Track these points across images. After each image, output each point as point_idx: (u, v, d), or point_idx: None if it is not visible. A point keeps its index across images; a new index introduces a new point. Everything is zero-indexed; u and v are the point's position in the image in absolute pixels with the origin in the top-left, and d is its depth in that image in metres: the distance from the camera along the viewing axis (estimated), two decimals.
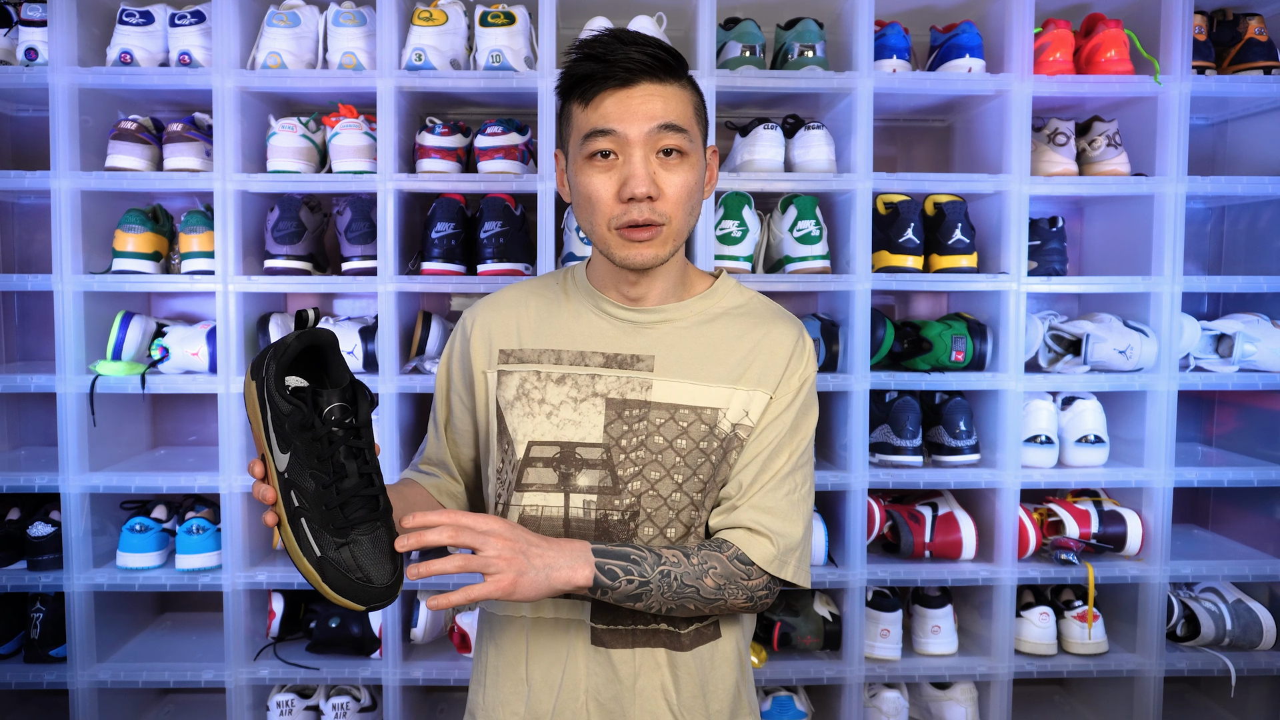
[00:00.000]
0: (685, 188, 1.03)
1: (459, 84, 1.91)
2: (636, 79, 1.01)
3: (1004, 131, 1.96)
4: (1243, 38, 2.02)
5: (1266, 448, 2.17)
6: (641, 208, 1.01)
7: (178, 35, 1.91)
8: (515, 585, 0.92)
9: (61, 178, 1.88)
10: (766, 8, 2.09)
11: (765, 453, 1.07)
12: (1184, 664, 2.00)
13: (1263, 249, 2.21)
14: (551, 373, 1.10)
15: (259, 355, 0.95)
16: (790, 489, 1.08)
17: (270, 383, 0.91)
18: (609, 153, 1.02)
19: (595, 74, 1.01)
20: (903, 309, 2.38)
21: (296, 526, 0.90)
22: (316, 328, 0.95)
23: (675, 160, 1.03)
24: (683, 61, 1.05)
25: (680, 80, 1.05)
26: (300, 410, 0.90)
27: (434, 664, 1.98)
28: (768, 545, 1.04)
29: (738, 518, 1.06)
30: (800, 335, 1.12)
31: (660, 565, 0.99)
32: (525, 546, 0.94)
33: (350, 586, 0.90)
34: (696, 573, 1.01)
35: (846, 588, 1.97)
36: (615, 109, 1.01)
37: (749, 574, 1.04)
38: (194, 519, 1.97)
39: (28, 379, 1.91)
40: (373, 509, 0.93)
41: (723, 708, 1.11)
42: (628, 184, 1.00)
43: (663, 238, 1.04)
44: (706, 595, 1.01)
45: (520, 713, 1.10)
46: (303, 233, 1.98)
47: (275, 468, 0.91)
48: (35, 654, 1.96)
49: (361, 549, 0.91)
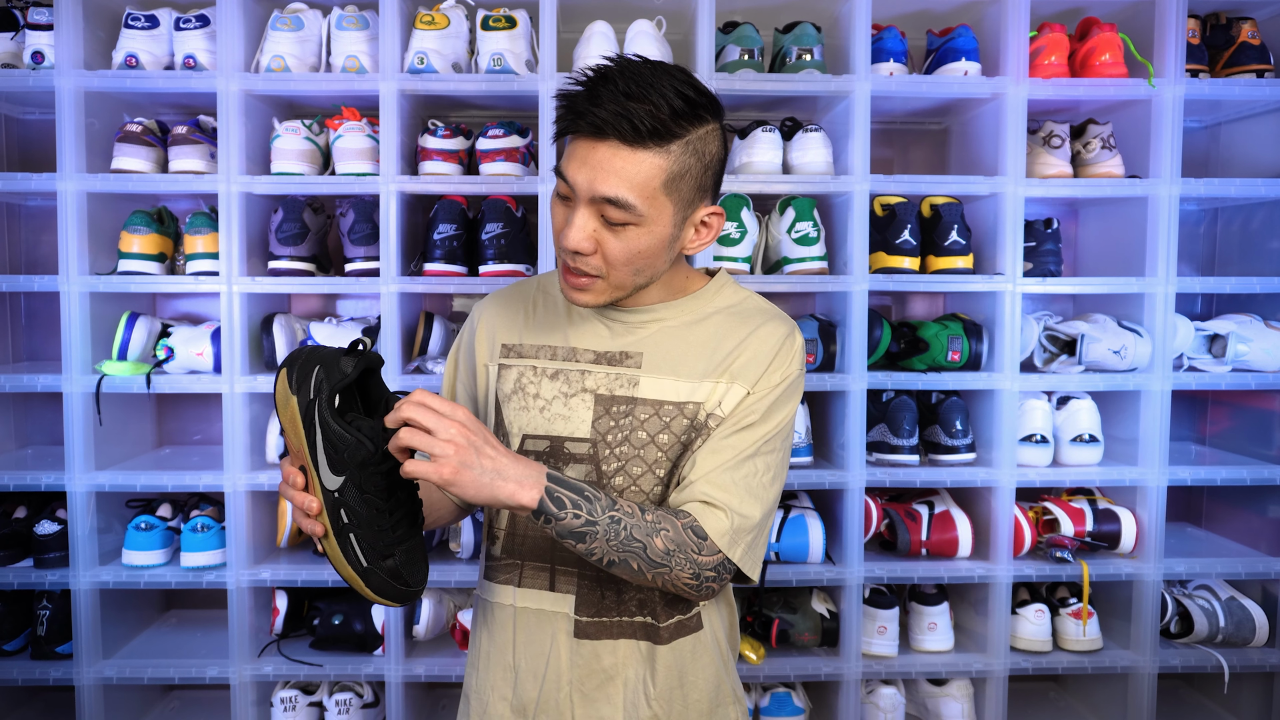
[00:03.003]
0: (625, 252, 1.01)
1: (460, 87, 1.93)
2: (604, 136, 0.96)
3: (999, 134, 1.98)
4: (1235, 41, 2.04)
5: (1259, 447, 2.19)
6: (576, 259, 1.01)
7: (183, 39, 1.93)
8: (456, 475, 0.89)
9: (68, 180, 1.90)
10: (765, 11, 2.10)
11: (728, 433, 1.06)
12: (1178, 660, 2.02)
13: (1255, 250, 2.23)
14: (546, 368, 1.13)
15: (297, 364, 0.94)
16: (751, 471, 1.05)
17: (326, 410, 0.92)
18: (567, 196, 1.02)
19: (571, 113, 0.98)
20: (899, 309, 2.40)
21: (345, 540, 0.93)
22: (370, 352, 0.96)
23: (618, 229, 1.00)
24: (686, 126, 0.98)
25: (661, 147, 0.97)
26: (364, 446, 0.91)
27: (436, 660, 2.00)
28: (722, 518, 1.02)
29: (693, 491, 1.04)
30: (789, 334, 1.11)
31: (612, 510, 0.97)
32: (480, 443, 0.92)
33: (391, 591, 0.95)
34: (648, 529, 0.98)
35: (844, 585, 1.99)
36: (576, 160, 0.99)
37: (700, 548, 1.01)
38: (198, 517, 1.99)
39: (34, 379, 1.93)
40: (414, 522, 0.98)
41: (702, 698, 1.12)
42: (564, 233, 1.01)
43: (598, 289, 1.04)
44: (653, 556, 0.98)
45: (508, 698, 1.13)
46: (306, 234, 2.00)
47: (322, 484, 0.93)
48: (42, 651, 1.98)
49: (403, 559, 0.96)
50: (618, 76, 0.96)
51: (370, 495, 0.93)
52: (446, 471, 0.89)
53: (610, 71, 0.97)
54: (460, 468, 0.90)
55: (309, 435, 0.93)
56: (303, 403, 0.93)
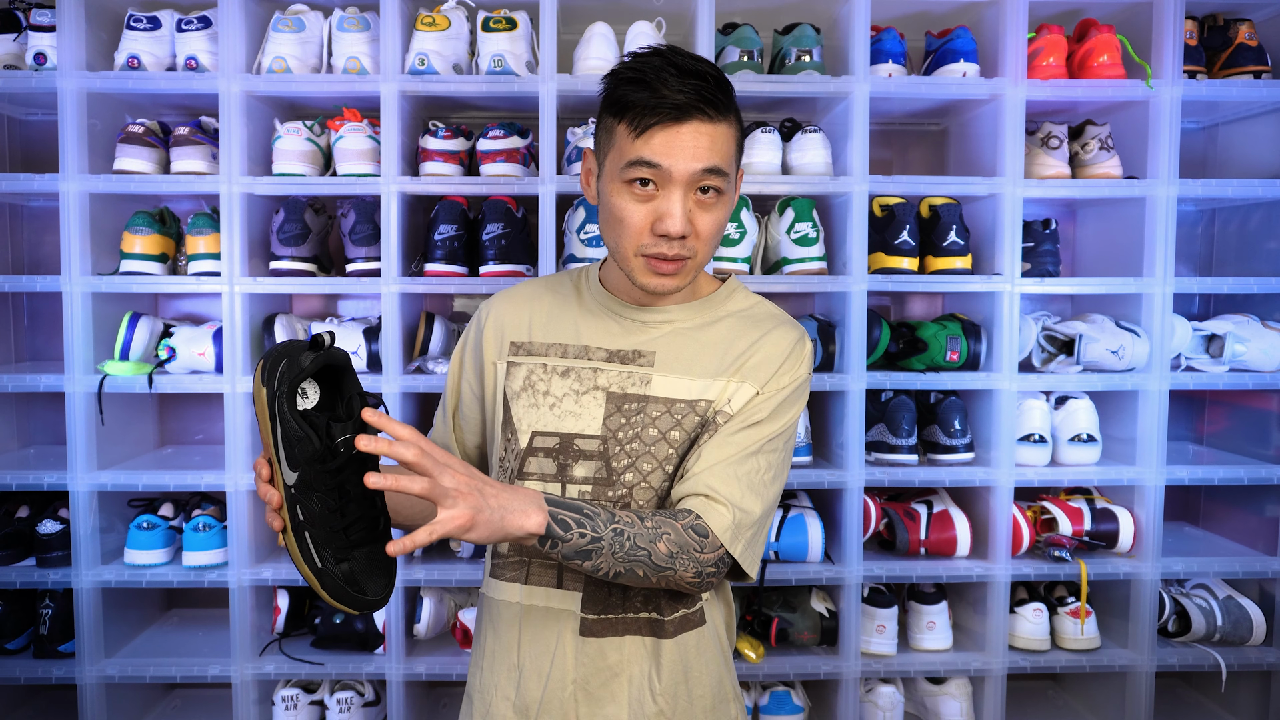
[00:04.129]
0: (717, 225, 1.05)
1: (461, 88, 1.94)
2: (688, 116, 0.99)
3: (998, 135, 1.99)
4: (1233, 42, 2.05)
5: (1256, 446, 2.20)
6: (673, 243, 1.02)
7: (184, 40, 1.94)
8: (472, 522, 0.87)
9: (70, 180, 1.91)
10: (764, 13, 2.11)
11: (735, 430, 1.07)
12: (1175, 659, 2.03)
13: (1253, 251, 2.24)
14: (557, 366, 1.13)
15: (271, 357, 0.94)
16: (754, 468, 1.06)
17: (282, 403, 0.91)
18: (648, 182, 1.02)
19: (647, 104, 0.99)
20: (898, 310, 2.41)
21: (300, 538, 0.92)
22: (332, 348, 0.94)
23: (712, 199, 1.03)
24: (730, 93, 1.04)
25: (728, 116, 1.03)
26: (311, 442, 0.90)
27: (437, 659, 2.01)
28: (725, 513, 1.03)
29: (695, 484, 1.05)
30: (800, 339, 1.13)
31: (614, 523, 0.97)
32: (480, 485, 0.90)
33: (346, 596, 0.92)
34: (650, 536, 0.98)
35: (843, 584, 2.00)
36: (663, 145, 0.99)
37: (702, 546, 1.02)
38: (200, 516, 2.00)
39: (37, 379, 1.94)
40: (373, 529, 0.95)
41: (705, 693, 1.13)
42: (663, 221, 1.01)
43: (687, 270, 1.06)
44: (658, 561, 0.99)
45: (511, 698, 1.13)
46: (307, 234, 2.01)
47: (283, 478, 0.92)
48: (44, 649, 1.99)
49: (359, 565, 0.93)
50: (668, 61, 1.00)
51: (321, 494, 0.91)
52: (463, 519, 0.87)
53: (656, 59, 1.01)
54: (475, 514, 0.87)
55: (272, 428, 0.92)
56: (269, 394, 0.92)
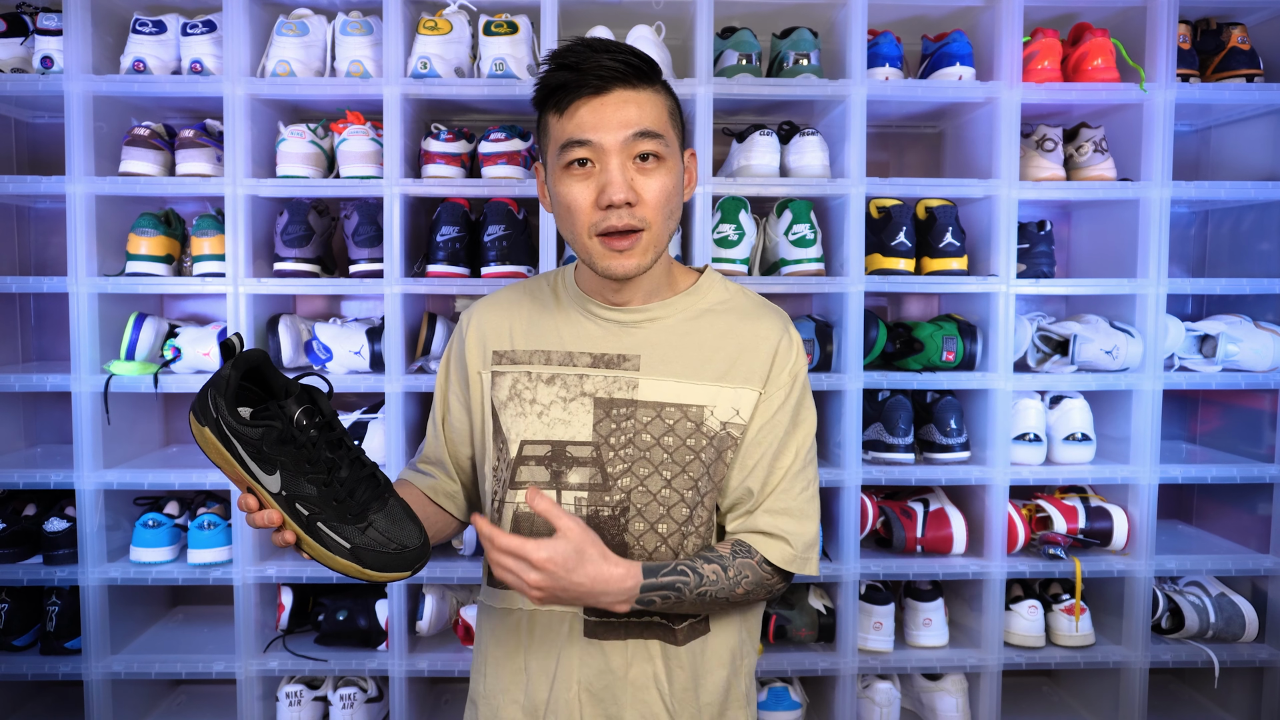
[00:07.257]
0: (663, 192, 1.04)
1: (463, 91, 1.96)
2: (610, 86, 1.01)
3: (993, 138, 2.01)
4: (1226, 46, 2.07)
5: (1249, 445, 2.21)
6: (620, 213, 1.02)
7: (189, 44, 1.96)
8: (541, 603, 0.99)
9: (76, 183, 1.93)
10: (763, 17, 2.13)
11: (770, 454, 1.10)
12: (1168, 656, 2.05)
13: (1245, 252, 2.26)
14: (541, 373, 1.12)
15: (196, 402, 0.95)
16: (803, 486, 1.12)
17: (227, 419, 0.92)
18: (586, 160, 1.02)
19: (569, 83, 1.02)
20: (895, 310, 2.43)
21: (315, 532, 0.93)
22: (244, 351, 0.95)
23: (652, 165, 1.03)
24: (656, 67, 1.06)
25: (654, 85, 1.05)
26: (273, 428, 0.91)
27: (439, 655, 2.03)
28: (785, 548, 1.09)
29: (754, 522, 1.10)
30: (785, 329, 1.13)
31: (700, 588, 1.04)
32: (566, 583, 0.96)
33: (390, 560, 0.94)
34: (731, 585, 1.06)
35: (840, 581, 2.02)
36: (590, 117, 1.01)
37: (773, 574, 1.10)
38: (205, 514, 2.02)
39: (44, 378, 1.96)
40: (375, 485, 0.97)
41: (713, 700, 1.13)
42: (605, 191, 1.01)
43: (643, 245, 1.04)
44: (734, 600, 1.08)
45: (520, 700, 1.12)
46: (311, 236, 2.03)
47: (267, 491, 0.93)
48: (51, 646, 2.01)
49: (383, 523, 0.95)
50: (585, 44, 1.03)
51: (309, 474, 0.92)
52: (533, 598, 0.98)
53: (575, 44, 1.04)
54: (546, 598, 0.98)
55: (233, 453, 0.92)
56: (213, 428, 0.93)
